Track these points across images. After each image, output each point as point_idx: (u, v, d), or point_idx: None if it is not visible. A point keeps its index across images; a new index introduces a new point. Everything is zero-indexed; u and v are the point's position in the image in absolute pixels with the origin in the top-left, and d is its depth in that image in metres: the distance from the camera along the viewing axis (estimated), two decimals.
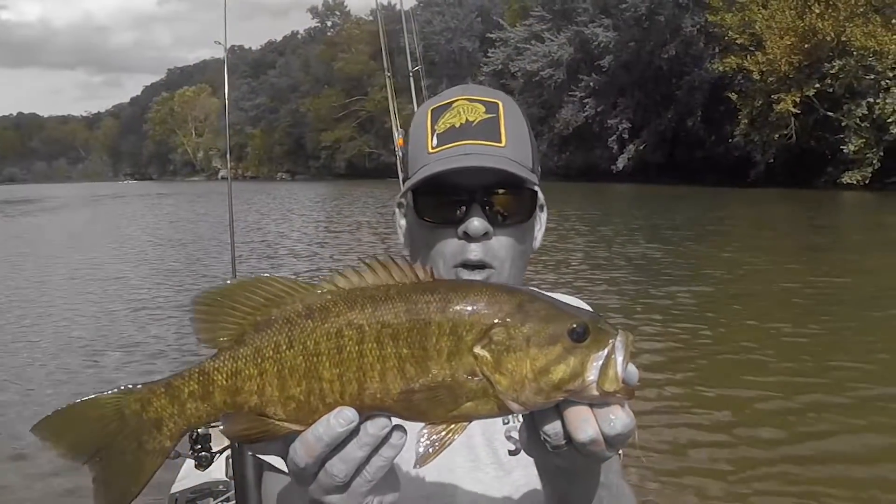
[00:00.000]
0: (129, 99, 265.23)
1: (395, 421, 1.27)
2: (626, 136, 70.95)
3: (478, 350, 1.24)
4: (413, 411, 1.27)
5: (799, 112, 51.44)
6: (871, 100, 48.19)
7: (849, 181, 48.98)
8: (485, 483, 1.82)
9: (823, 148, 52.65)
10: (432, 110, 1.83)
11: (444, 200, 1.78)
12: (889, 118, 46.83)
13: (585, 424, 1.24)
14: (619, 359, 1.24)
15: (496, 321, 1.25)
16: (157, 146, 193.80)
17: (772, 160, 54.98)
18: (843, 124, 49.86)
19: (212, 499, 4.26)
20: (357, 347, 1.25)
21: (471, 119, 1.78)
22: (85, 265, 23.66)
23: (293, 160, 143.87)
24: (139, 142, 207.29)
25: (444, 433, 1.27)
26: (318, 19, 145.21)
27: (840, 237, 26.76)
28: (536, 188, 1.83)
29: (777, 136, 53.38)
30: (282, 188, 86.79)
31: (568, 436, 1.26)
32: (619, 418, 1.25)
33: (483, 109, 1.79)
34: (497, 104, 1.81)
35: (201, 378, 1.30)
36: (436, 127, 1.80)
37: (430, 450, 1.26)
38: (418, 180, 1.76)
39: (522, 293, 1.30)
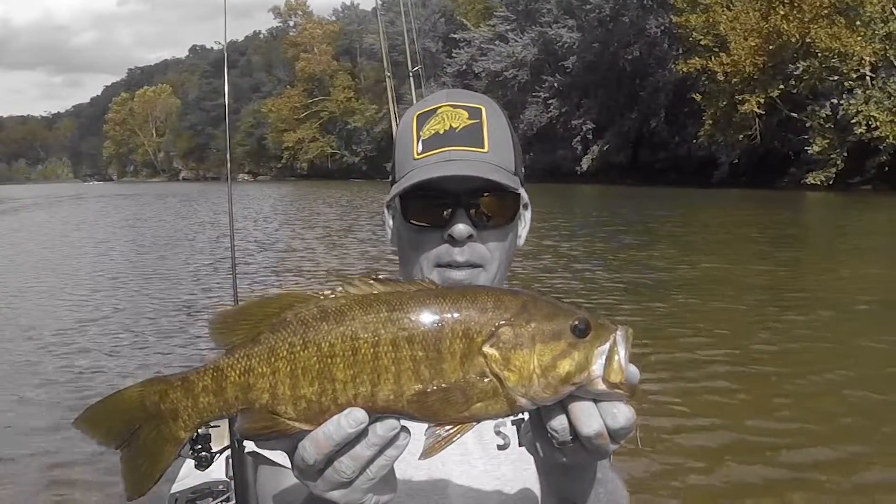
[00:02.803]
0: (89, 99, 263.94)
1: (402, 422, 1.32)
2: (589, 136, 71.30)
3: (487, 349, 1.28)
4: (424, 412, 1.30)
5: (763, 113, 51.80)
6: (835, 101, 48.52)
7: (812, 182, 49.27)
8: (473, 477, 1.85)
9: (787, 149, 53.07)
10: (417, 116, 1.86)
11: (429, 204, 1.81)
12: (853, 119, 47.09)
13: (591, 419, 1.30)
14: (622, 351, 1.29)
15: (503, 321, 1.29)
16: (117, 147, 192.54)
17: (736, 161, 55.33)
18: (807, 125, 50.20)
19: (212, 499, 4.20)
20: (372, 350, 1.28)
21: (454, 125, 1.81)
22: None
23: (255, 161, 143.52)
24: (99, 142, 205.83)
25: (451, 431, 1.31)
26: (281, 19, 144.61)
27: (780, 233, 27.48)
28: (520, 191, 1.86)
29: (741, 136, 53.75)
30: (246, 189, 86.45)
31: (574, 431, 1.31)
32: (622, 412, 1.30)
33: (466, 115, 1.82)
34: (480, 109, 1.84)
35: (215, 374, 1.34)
36: (421, 133, 1.83)
37: (437, 444, 1.31)
38: (405, 187, 1.79)
39: (525, 294, 1.35)
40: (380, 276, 1.35)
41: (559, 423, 1.32)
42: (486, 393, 1.28)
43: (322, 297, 1.33)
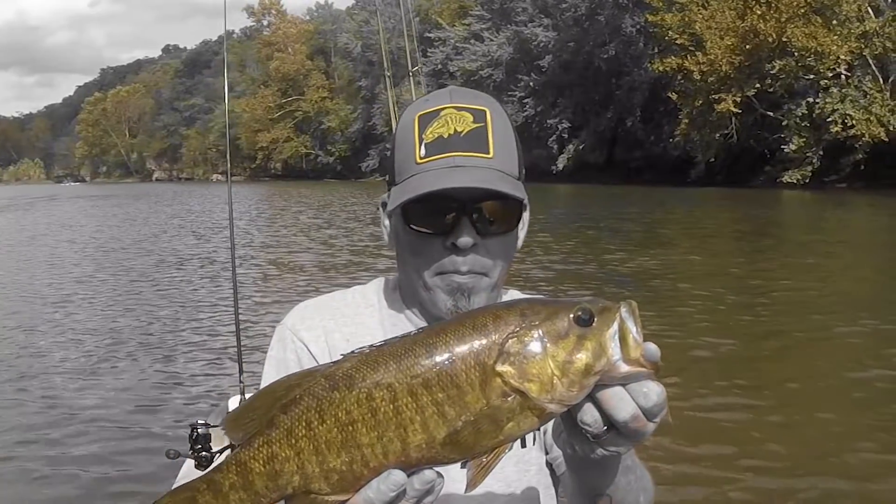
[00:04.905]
0: (61, 99, 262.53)
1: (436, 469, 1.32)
2: (565, 136, 71.26)
3: (500, 368, 1.26)
4: (459, 451, 1.28)
5: (739, 112, 51.87)
6: (811, 100, 48.66)
7: (789, 180, 49.36)
8: None
9: (763, 148, 53.21)
10: (419, 117, 1.81)
11: (432, 211, 1.77)
12: (829, 118, 47.18)
13: (623, 402, 1.29)
14: (632, 326, 1.27)
15: (507, 336, 1.28)
16: (90, 147, 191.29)
17: (712, 160, 55.42)
18: (783, 124, 50.31)
19: None
20: (391, 406, 1.26)
21: (459, 129, 1.77)
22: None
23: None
24: (71, 143, 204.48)
25: (489, 457, 1.30)
26: (254, 18, 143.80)
27: (754, 230, 27.78)
28: (524, 197, 1.82)
29: (717, 135, 53.85)
30: (221, 190, 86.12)
31: (607, 421, 1.31)
32: (652, 390, 1.29)
33: (471, 118, 1.78)
34: (484, 112, 1.80)
35: (239, 468, 1.32)
36: (423, 136, 1.78)
37: (479, 473, 1.30)
38: (410, 197, 1.74)
39: (521, 302, 1.34)
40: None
41: (590, 416, 1.30)
42: (513, 411, 1.26)
43: (326, 367, 1.32)
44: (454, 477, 1.70)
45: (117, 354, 11.92)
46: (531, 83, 73.18)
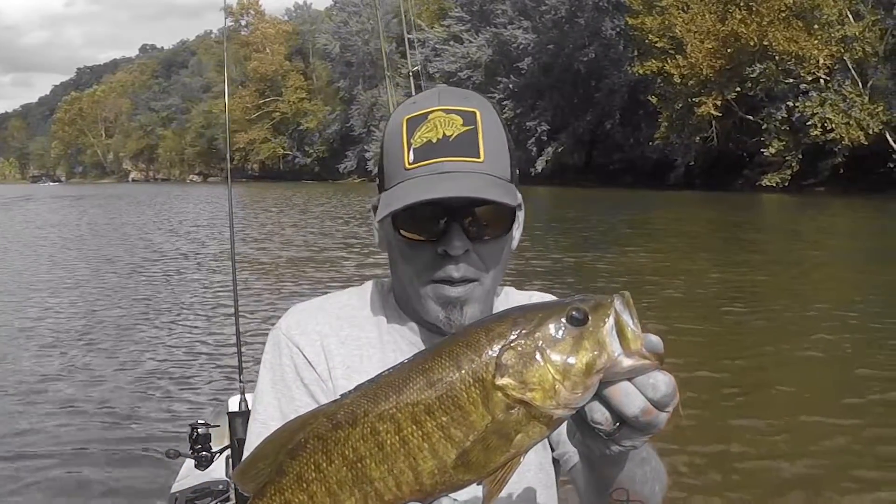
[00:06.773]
0: (37, 99, 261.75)
1: (454, 495, 1.31)
2: (544, 138, 71.33)
3: (500, 381, 1.24)
4: (472, 471, 1.26)
5: (720, 115, 52.09)
6: (791, 103, 48.92)
7: (768, 184, 49.67)
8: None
9: (742, 151, 53.44)
10: (407, 120, 1.75)
11: (422, 216, 1.73)
12: (808, 121, 47.48)
13: (631, 397, 1.27)
14: (628, 318, 1.25)
15: (502, 348, 1.26)
16: (66, 147, 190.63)
17: (691, 163, 55.62)
18: (763, 127, 50.58)
19: (211, 499, 4.25)
20: (397, 437, 1.25)
21: (448, 133, 1.71)
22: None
23: (205, 162, 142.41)
24: (47, 142, 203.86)
25: (503, 471, 1.28)
26: (233, 18, 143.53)
27: (732, 233, 27.98)
28: (517, 202, 1.76)
29: (697, 138, 54.07)
30: (201, 190, 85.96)
31: (618, 417, 1.28)
32: (660, 380, 1.27)
33: (460, 122, 1.72)
34: (474, 114, 1.74)
35: None
36: (412, 140, 1.73)
37: (494, 487, 1.28)
38: (397, 208, 1.70)
39: (512, 312, 1.32)
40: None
41: (600, 414, 1.28)
42: (520, 423, 1.24)
43: (326, 407, 1.32)
44: None
45: (117, 354, 11.99)
46: (510, 85, 73.24)
